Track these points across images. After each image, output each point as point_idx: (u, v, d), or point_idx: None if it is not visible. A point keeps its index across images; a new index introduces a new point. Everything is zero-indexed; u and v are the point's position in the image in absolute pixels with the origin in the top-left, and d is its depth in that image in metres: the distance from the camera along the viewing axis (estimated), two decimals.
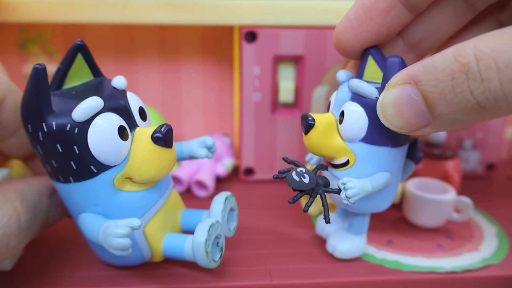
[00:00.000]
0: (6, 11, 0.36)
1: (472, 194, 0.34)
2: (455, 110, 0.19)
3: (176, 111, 0.44)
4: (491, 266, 0.28)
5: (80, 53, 0.24)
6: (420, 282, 0.27)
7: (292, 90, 0.39)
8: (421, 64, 0.19)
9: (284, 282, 0.26)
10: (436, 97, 0.19)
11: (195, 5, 0.37)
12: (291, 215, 0.35)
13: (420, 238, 0.32)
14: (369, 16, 0.23)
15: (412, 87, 0.20)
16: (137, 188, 0.24)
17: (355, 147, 0.25)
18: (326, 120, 0.25)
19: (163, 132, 0.22)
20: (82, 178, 0.22)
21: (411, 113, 0.20)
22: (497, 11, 0.26)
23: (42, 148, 0.22)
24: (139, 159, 0.23)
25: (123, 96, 0.24)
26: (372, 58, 0.25)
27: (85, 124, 0.22)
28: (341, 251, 0.28)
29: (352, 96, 0.25)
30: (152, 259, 0.26)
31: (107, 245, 0.22)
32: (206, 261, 0.24)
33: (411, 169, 0.29)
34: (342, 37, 0.25)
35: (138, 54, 0.42)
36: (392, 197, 0.27)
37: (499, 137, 0.43)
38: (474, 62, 0.17)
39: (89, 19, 0.36)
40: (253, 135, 0.40)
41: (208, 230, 0.24)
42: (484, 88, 0.17)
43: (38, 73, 0.21)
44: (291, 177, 0.23)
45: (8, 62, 0.41)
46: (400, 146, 0.25)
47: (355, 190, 0.24)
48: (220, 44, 0.42)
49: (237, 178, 0.42)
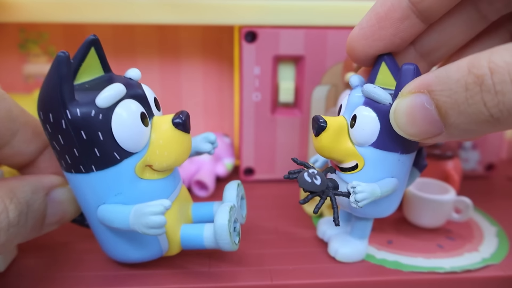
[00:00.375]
0: (7, 11, 0.36)
1: (472, 194, 0.34)
2: (468, 121, 0.19)
3: (176, 111, 0.44)
4: (491, 266, 0.28)
5: (93, 47, 0.24)
6: (420, 282, 0.27)
7: (292, 90, 0.39)
8: (435, 74, 0.20)
9: (284, 282, 0.26)
10: (449, 107, 0.19)
11: (195, 5, 0.37)
12: (291, 215, 0.35)
13: (420, 238, 0.32)
14: (382, 25, 0.24)
15: (426, 96, 0.20)
16: (156, 177, 0.24)
17: (365, 152, 0.25)
18: (338, 123, 0.25)
19: (182, 118, 0.23)
20: (105, 165, 0.23)
21: (424, 121, 0.20)
22: (509, 22, 0.26)
23: (64, 137, 0.22)
24: (160, 145, 0.24)
25: (139, 86, 0.25)
26: (385, 65, 0.25)
27: (109, 110, 0.22)
28: (343, 255, 0.28)
29: (365, 101, 0.25)
30: (170, 251, 0.26)
31: (142, 225, 0.22)
32: (230, 242, 0.24)
33: (416, 177, 0.29)
34: (355, 44, 0.25)
35: (138, 54, 0.42)
36: (397, 203, 0.27)
37: (499, 137, 0.43)
38: (489, 74, 0.17)
39: (89, 19, 0.36)
40: (253, 135, 0.40)
41: (229, 212, 0.24)
42: (498, 101, 0.17)
43: (61, 60, 0.21)
44: (302, 178, 0.23)
45: (8, 62, 0.41)
46: (409, 153, 0.25)
47: (364, 194, 0.24)
48: (220, 44, 0.42)
49: (237, 178, 0.42)
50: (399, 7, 0.23)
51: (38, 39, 0.40)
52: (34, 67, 0.41)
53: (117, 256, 0.26)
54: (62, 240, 0.30)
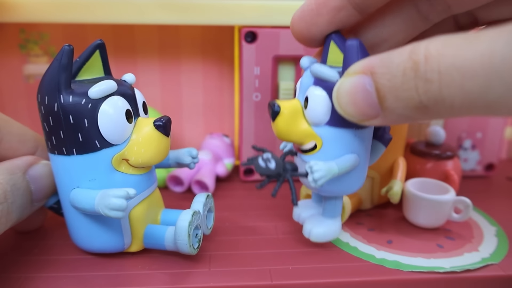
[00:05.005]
0: (7, 11, 0.36)
1: (472, 194, 0.34)
2: (402, 106, 0.19)
3: (176, 111, 0.44)
4: (491, 266, 0.28)
5: (98, 50, 0.26)
6: (419, 282, 0.27)
7: (292, 90, 0.39)
8: (380, 57, 0.20)
9: (284, 282, 0.26)
10: (387, 91, 0.19)
11: (195, 5, 0.37)
12: (291, 215, 0.35)
13: (419, 238, 0.32)
14: (320, 11, 0.24)
15: (368, 78, 0.20)
16: (130, 172, 0.26)
17: (321, 131, 0.25)
18: (291, 106, 0.26)
19: (163, 121, 0.26)
20: (85, 151, 0.25)
21: (364, 103, 0.21)
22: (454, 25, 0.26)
23: (54, 119, 0.24)
24: (139, 142, 0.26)
25: (131, 88, 0.27)
26: (334, 43, 0.25)
27: (98, 101, 0.24)
28: (316, 234, 0.28)
29: (314, 80, 0.25)
30: (132, 247, 0.28)
31: (104, 205, 0.24)
32: (187, 244, 0.26)
33: (381, 151, 0.29)
34: (296, 26, 0.26)
35: (138, 54, 0.42)
36: (362, 178, 0.27)
37: (498, 137, 0.43)
38: (423, 61, 0.18)
39: (89, 19, 0.37)
40: (253, 135, 0.40)
41: (192, 215, 0.26)
42: (427, 89, 0.18)
43: (65, 51, 0.24)
44: (257, 163, 0.24)
45: (8, 62, 0.41)
46: (365, 127, 0.25)
47: (321, 172, 0.24)
48: (220, 44, 0.42)
49: (237, 178, 0.42)
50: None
51: (39, 39, 0.41)
52: (35, 67, 0.41)
53: (81, 244, 0.28)
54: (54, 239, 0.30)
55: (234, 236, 0.31)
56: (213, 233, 0.32)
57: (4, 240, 0.30)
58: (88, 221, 0.26)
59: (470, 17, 0.26)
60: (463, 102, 0.17)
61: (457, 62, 0.17)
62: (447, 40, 0.17)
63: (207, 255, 0.29)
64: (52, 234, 0.31)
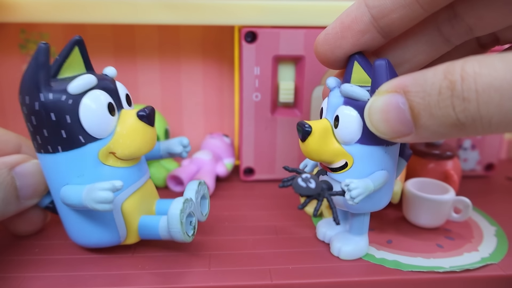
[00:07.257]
0: (7, 11, 0.36)
1: (471, 194, 0.34)
2: (437, 123, 0.20)
3: (176, 111, 0.44)
4: (490, 266, 0.28)
5: (77, 46, 0.26)
6: (419, 281, 0.27)
7: (292, 90, 0.39)
8: (412, 76, 0.20)
9: (284, 282, 0.26)
10: (421, 109, 0.20)
11: (195, 5, 0.37)
12: (291, 215, 0.35)
13: (419, 238, 0.32)
14: (344, 34, 0.25)
15: (401, 96, 0.21)
16: (119, 165, 0.26)
17: (352, 149, 0.25)
18: (322, 126, 0.26)
19: (146, 111, 0.26)
20: (71, 147, 0.25)
21: (396, 120, 0.21)
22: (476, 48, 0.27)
23: (36, 118, 0.24)
24: (124, 134, 0.26)
25: (112, 82, 0.27)
26: (357, 64, 0.26)
27: (79, 97, 0.24)
28: (346, 253, 0.28)
29: (344, 100, 0.25)
30: (127, 240, 0.28)
31: (91, 199, 0.24)
32: (181, 231, 0.26)
33: (403, 166, 0.29)
34: (320, 49, 0.26)
35: (138, 54, 0.42)
36: (389, 194, 0.28)
37: (498, 137, 0.43)
38: (460, 81, 0.18)
39: (89, 19, 0.37)
40: (253, 135, 0.40)
41: (183, 203, 0.26)
42: (465, 107, 0.18)
43: (40, 50, 0.24)
44: (297, 184, 0.24)
45: (9, 62, 0.41)
46: (394, 144, 0.26)
47: (359, 190, 0.24)
48: (220, 44, 0.42)
49: (237, 178, 0.43)
50: (361, 21, 0.24)
51: (39, 39, 0.41)
52: None
53: (77, 239, 0.28)
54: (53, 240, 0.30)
55: (234, 236, 0.31)
56: (213, 233, 0.32)
57: (4, 240, 0.30)
58: (81, 217, 0.27)
59: (491, 36, 0.26)
60: (501, 121, 0.18)
61: (495, 82, 0.18)
62: (482, 60, 0.18)
63: (207, 255, 0.29)
64: (52, 234, 0.31)
